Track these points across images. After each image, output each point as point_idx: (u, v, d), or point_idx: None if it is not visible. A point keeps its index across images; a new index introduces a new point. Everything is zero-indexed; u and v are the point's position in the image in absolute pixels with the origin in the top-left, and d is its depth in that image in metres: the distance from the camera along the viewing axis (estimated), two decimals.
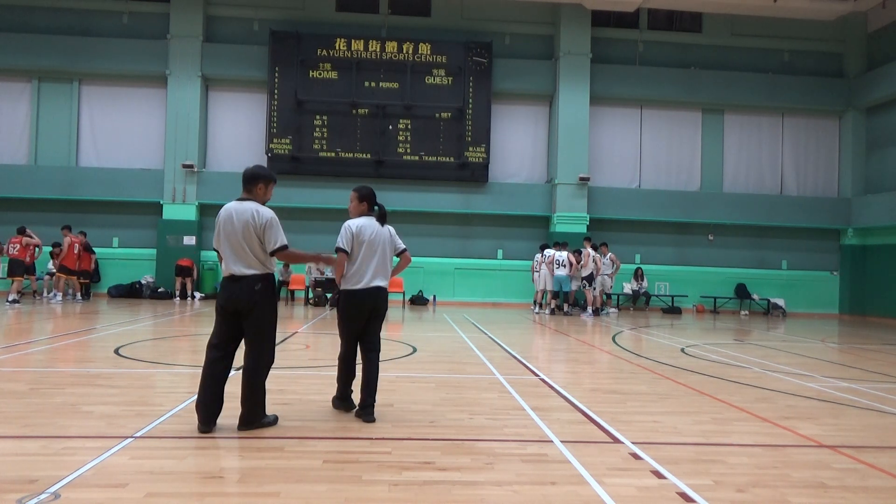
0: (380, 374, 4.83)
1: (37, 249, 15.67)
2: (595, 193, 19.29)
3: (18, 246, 15.13)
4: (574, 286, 16.74)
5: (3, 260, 16.00)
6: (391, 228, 4.95)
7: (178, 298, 17.29)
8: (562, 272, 16.14)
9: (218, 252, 4.45)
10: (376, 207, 4.93)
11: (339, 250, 4.72)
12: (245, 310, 4.30)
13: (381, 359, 5.03)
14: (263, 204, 4.49)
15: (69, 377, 6.08)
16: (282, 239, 4.35)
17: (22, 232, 15.40)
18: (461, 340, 10.06)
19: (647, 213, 19.49)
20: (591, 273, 16.05)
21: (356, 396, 4.84)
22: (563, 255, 16.22)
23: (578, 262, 16.31)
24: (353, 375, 4.89)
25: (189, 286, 17.77)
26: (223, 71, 18.83)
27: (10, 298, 14.44)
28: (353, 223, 4.77)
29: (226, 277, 4.38)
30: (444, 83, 18.84)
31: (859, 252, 19.96)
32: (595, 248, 16.38)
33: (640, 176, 20.05)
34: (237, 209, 4.35)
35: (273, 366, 4.61)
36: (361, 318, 4.77)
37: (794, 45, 20.34)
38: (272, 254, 4.35)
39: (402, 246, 4.98)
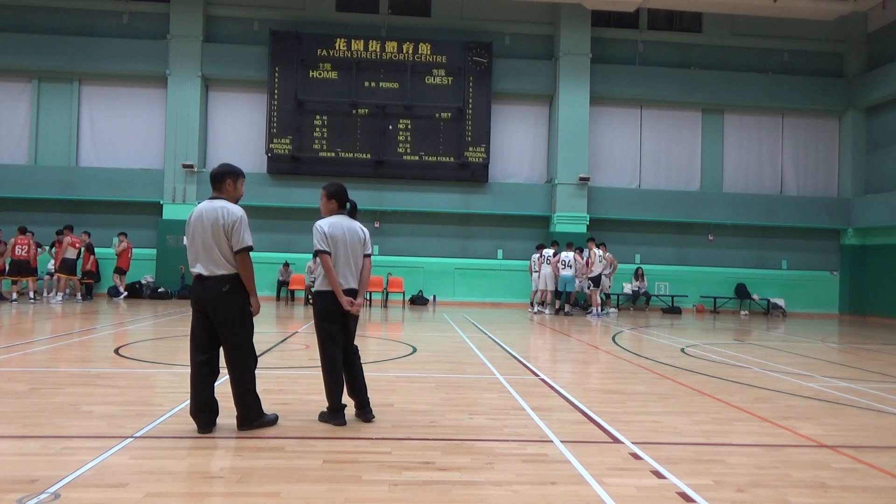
0: (380, 374, 4.86)
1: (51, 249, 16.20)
2: (595, 193, 19.30)
3: (27, 247, 15.48)
4: (577, 286, 16.74)
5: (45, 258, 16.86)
6: (366, 232, 4.82)
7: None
8: (568, 272, 16.14)
9: (188, 251, 4.39)
10: (348, 204, 4.77)
11: (321, 253, 4.53)
12: (213, 310, 4.25)
13: (381, 359, 5.02)
14: (236, 201, 4.42)
15: (69, 377, 6.07)
16: (248, 239, 4.30)
17: (61, 233, 16.04)
18: (461, 340, 10.06)
19: (647, 213, 19.49)
20: (599, 274, 16.07)
21: (347, 400, 4.72)
22: (569, 255, 16.22)
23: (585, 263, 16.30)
24: (343, 383, 4.66)
25: None
26: (223, 71, 18.84)
27: (32, 297, 15.58)
28: (324, 223, 4.61)
29: (194, 277, 4.32)
30: (444, 83, 18.84)
31: (859, 252, 19.97)
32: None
33: (640, 176, 20.05)
34: (207, 208, 4.29)
35: (273, 366, 4.59)
36: (339, 320, 4.63)
37: (794, 45, 20.34)
38: (237, 253, 4.26)
39: (369, 250, 4.79)
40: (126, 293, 17.44)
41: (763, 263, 20.18)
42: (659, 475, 3.65)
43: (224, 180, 4.39)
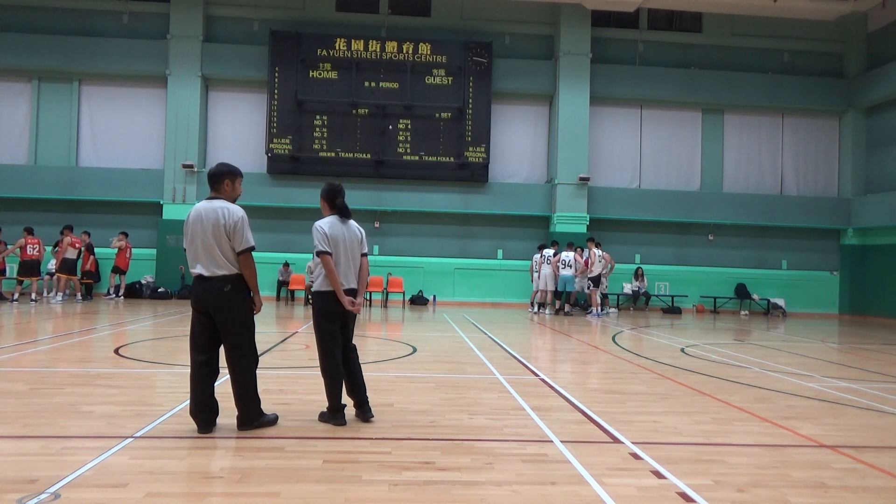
0: (380, 374, 4.85)
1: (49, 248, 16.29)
2: (595, 193, 19.30)
3: (37, 246, 15.53)
4: (577, 286, 16.73)
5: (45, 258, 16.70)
6: (363, 231, 4.84)
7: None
8: (568, 272, 16.13)
9: (187, 252, 4.38)
10: (339, 204, 4.74)
11: (322, 254, 4.54)
12: (214, 310, 4.25)
13: (381, 359, 5.02)
14: (234, 201, 4.42)
15: (69, 377, 6.07)
16: (251, 239, 4.30)
17: (62, 233, 16.04)
18: (461, 340, 10.06)
19: (647, 213, 19.48)
20: (599, 274, 16.08)
21: (347, 400, 4.73)
22: (569, 255, 16.22)
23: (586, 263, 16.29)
24: (342, 382, 4.66)
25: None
26: (223, 71, 18.83)
27: (33, 298, 15.48)
28: (324, 223, 4.62)
29: (195, 278, 4.31)
30: (444, 83, 18.83)
31: (859, 252, 19.96)
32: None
33: (640, 176, 20.05)
34: (206, 208, 4.27)
35: (273, 366, 4.59)
36: (340, 319, 4.65)
37: (794, 45, 20.34)
38: (239, 254, 4.27)
39: (365, 249, 4.82)
40: (112, 294, 17.26)
41: (763, 263, 20.18)
42: (659, 475, 3.65)
43: (222, 180, 4.39)
